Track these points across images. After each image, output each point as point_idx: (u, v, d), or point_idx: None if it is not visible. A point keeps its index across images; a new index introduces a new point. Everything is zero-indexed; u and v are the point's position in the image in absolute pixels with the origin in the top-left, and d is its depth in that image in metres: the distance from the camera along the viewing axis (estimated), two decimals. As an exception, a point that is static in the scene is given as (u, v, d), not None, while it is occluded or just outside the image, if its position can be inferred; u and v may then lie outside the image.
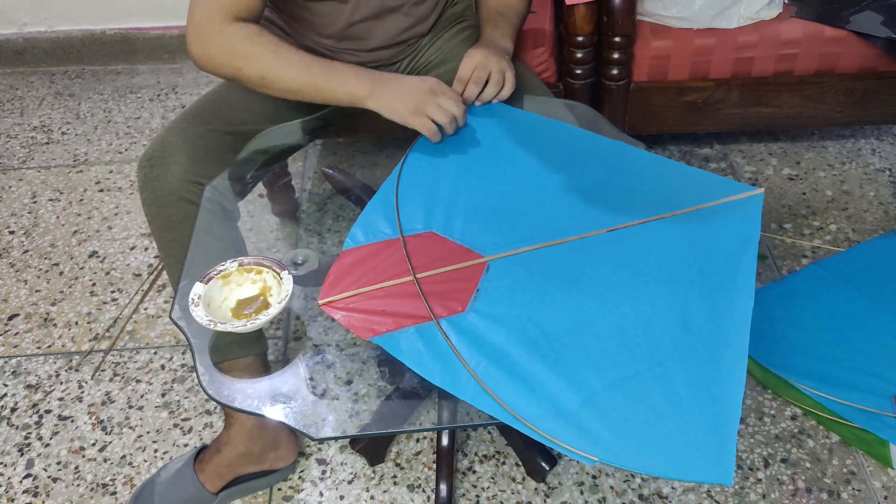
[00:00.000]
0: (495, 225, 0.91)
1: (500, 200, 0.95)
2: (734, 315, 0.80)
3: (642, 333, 0.79)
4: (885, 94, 1.60)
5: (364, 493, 1.19)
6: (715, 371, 0.76)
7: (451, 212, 0.93)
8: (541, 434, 0.71)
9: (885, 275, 1.42)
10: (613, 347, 0.78)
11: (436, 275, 0.85)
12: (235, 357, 1.01)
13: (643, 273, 0.85)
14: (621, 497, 1.17)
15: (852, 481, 1.17)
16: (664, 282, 0.84)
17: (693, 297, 0.82)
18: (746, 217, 0.91)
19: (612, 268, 0.86)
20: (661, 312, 0.81)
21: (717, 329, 0.79)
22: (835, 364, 1.26)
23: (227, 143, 1.08)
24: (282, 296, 0.81)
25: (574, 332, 0.79)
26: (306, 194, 1.34)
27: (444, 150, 1.03)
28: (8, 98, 2.29)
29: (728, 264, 0.85)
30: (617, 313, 0.81)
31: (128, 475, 1.24)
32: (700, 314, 0.81)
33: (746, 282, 0.83)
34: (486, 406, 0.74)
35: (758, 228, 0.89)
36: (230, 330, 0.79)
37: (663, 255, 0.87)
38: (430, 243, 0.89)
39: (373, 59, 1.20)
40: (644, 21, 1.56)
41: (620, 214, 0.92)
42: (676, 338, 0.79)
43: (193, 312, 0.80)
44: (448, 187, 0.97)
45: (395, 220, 0.92)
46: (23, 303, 1.56)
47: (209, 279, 0.83)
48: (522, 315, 0.81)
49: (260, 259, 0.85)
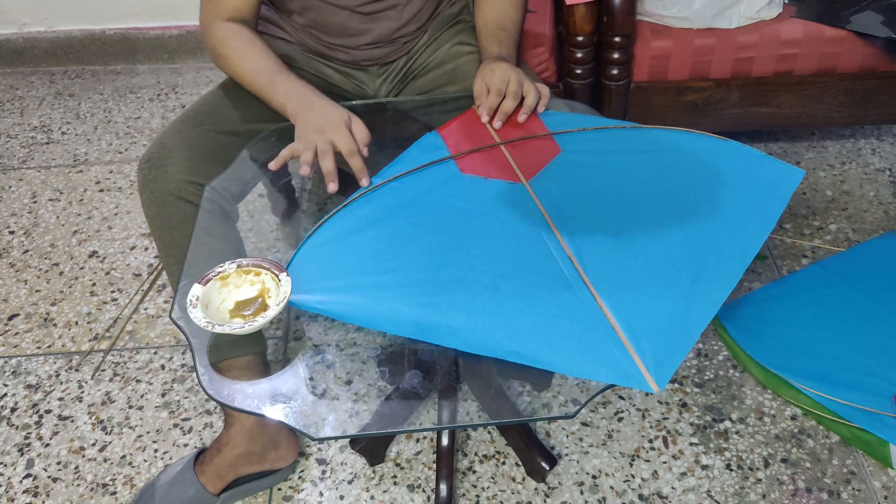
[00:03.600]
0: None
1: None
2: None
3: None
4: (885, 94, 1.60)
5: (364, 493, 1.19)
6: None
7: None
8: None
9: (885, 275, 1.41)
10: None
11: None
12: (235, 356, 1.01)
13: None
14: (621, 497, 1.17)
15: (852, 481, 1.17)
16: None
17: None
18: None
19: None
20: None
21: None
22: (835, 364, 1.26)
23: (225, 143, 1.08)
24: (280, 298, 0.81)
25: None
26: (306, 194, 1.34)
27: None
28: (8, 98, 2.29)
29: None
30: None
31: (128, 475, 1.24)
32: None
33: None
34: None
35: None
36: (227, 332, 0.79)
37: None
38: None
39: (367, 58, 1.21)
40: (644, 21, 1.56)
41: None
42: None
43: (191, 314, 0.80)
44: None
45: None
46: (23, 303, 1.56)
47: (207, 280, 0.83)
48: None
49: (258, 261, 0.85)
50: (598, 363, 0.74)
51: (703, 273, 0.81)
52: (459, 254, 0.86)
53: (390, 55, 1.22)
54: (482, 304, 0.80)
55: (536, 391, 1.28)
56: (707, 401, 1.29)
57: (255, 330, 0.79)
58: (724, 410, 1.28)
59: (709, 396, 1.30)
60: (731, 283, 0.80)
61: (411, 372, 0.89)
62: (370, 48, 1.19)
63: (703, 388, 1.31)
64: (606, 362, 0.74)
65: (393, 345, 0.99)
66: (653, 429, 1.26)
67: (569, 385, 1.29)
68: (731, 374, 1.34)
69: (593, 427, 1.26)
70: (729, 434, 1.24)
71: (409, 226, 0.91)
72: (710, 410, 1.28)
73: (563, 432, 1.26)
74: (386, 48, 1.20)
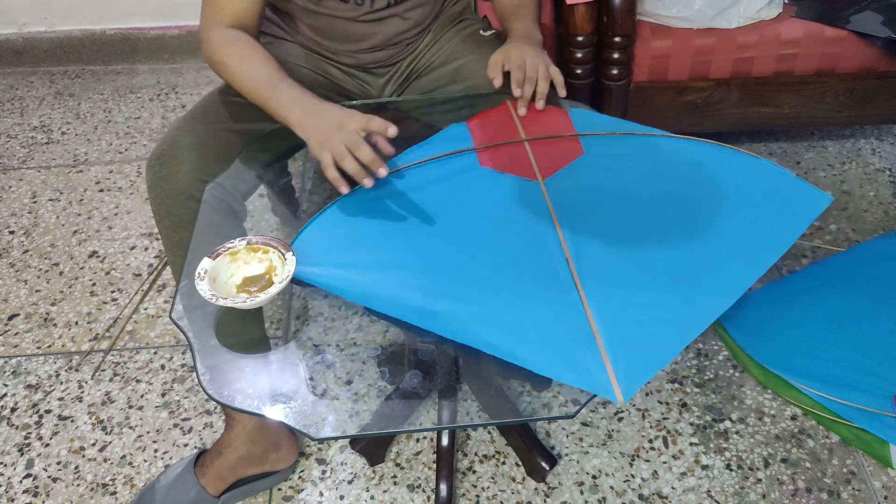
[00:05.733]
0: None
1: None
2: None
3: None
4: (885, 94, 1.60)
5: (364, 493, 1.19)
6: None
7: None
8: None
9: (885, 275, 1.41)
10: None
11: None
12: (235, 336, 1.01)
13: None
14: (621, 497, 1.17)
15: (852, 481, 1.17)
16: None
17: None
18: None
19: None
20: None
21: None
22: (835, 364, 1.26)
23: (235, 141, 1.07)
24: (283, 275, 0.82)
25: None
26: (306, 194, 1.34)
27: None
28: (8, 98, 2.29)
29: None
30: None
31: (128, 475, 1.24)
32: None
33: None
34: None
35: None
36: (230, 305, 0.81)
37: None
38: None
39: (371, 61, 1.20)
40: (644, 21, 1.56)
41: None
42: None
43: (198, 286, 0.81)
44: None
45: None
46: (23, 303, 1.56)
47: (217, 255, 0.85)
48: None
49: (268, 239, 0.87)
50: (568, 366, 0.74)
51: (699, 291, 0.80)
52: (461, 244, 0.87)
53: (394, 57, 1.22)
54: (471, 294, 0.81)
55: (536, 391, 1.28)
56: (707, 401, 1.30)
57: (258, 305, 0.82)
58: (724, 410, 1.28)
59: (709, 396, 1.30)
60: (723, 305, 0.79)
61: (411, 372, 0.89)
62: (374, 51, 1.19)
63: (703, 388, 1.31)
64: (578, 366, 0.74)
65: (393, 345, 0.99)
66: (653, 429, 1.26)
67: (569, 385, 1.29)
68: (731, 374, 1.34)
69: (593, 427, 1.26)
70: (729, 434, 1.24)
71: (418, 211, 0.93)
72: (710, 410, 1.28)
73: (563, 432, 1.26)
74: (389, 50, 1.20)
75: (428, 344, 0.90)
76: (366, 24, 1.14)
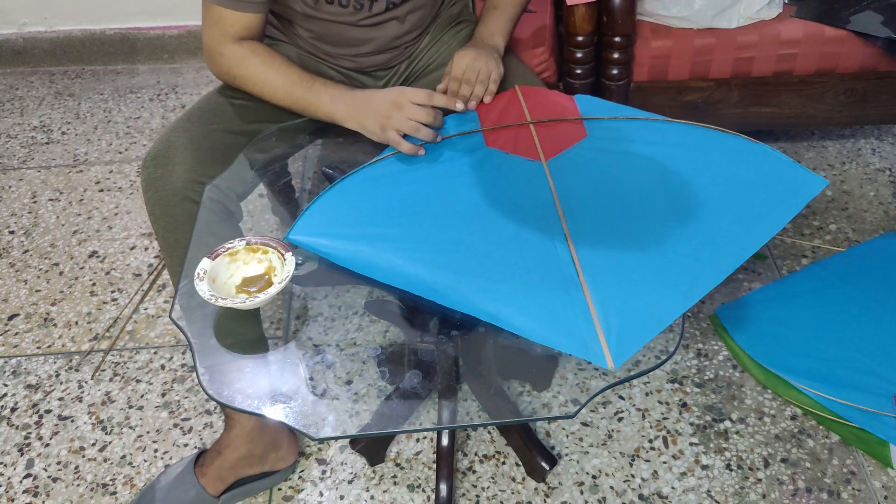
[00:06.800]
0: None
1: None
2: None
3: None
4: (885, 94, 1.60)
5: (364, 493, 1.19)
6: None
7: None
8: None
9: (885, 275, 1.42)
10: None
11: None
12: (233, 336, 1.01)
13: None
14: (621, 497, 1.17)
15: (852, 481, 1.17)
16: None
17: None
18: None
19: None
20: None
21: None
22: (835, 364, 1.26)
23: (231, 142, 1.08)
24: (283, 276, 0.82)
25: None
26: (306, 194, 1.34)
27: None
28: (8, 98, 2.29)
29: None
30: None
31: (128, 475, 1.24)
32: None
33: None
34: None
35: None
36: (230, 306, 0.81)
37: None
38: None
39: (370, 64, 1.21)
40: (644, 21, 1.56)
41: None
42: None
43: (197, 286, 0.82)
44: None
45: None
46: (23, 303, 1.56)
47: (217, 256, 0.85)
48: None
49: (267, 240, 0.87)
50: (562, 333, 0.77)
51: (692, 266, 0.83)
52: (463, 219, 0.90)
53: (392, 60, 1.22)
54: (471, 266, 0.84)
55: (536, 391, 1.28)
56: (707, 401, 1.30)
57: (258, 305, 0.82)
58: (724, 410, 1.28)
59: (709, 396, 1.30)
60: (716, 279, 0.81)
61: (411, 372, 0.89)
62: (372, 55, 1.19)
63: (703, 388, 1.31)
64: (571, 333, 0.77)
65: (393, 345, 0.99)
66: (653, 429, 1.26)
67: (569, 385, 1.29)
68: (731, 374, 1.34)
69: (593, 427, 1.26)
70: (729, 434, 1.24)
71: (423, 187, 0.96)
72: (710, 410, 1.28)
73: (563, 432, 1.26)
74: (388, 54, 1.20)
75: (428, 344, 0.90)
76: (364, 29, 1.14)
